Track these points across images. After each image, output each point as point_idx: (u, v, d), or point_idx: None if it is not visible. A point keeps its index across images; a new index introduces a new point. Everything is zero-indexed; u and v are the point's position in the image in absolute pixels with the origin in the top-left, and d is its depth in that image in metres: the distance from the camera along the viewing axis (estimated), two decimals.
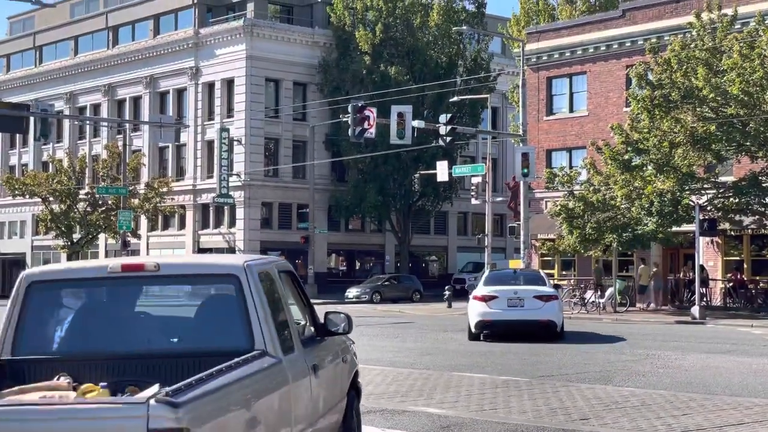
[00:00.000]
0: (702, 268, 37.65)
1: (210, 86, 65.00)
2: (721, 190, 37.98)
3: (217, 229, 63.62)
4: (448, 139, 38.44)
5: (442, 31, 62.38)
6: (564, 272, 47.14)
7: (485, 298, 25.56)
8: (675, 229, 37.86)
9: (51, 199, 62.65)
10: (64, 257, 64.66)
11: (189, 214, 65.10)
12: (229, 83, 63.93)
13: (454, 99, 56.00)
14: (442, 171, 49.49)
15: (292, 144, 64.61)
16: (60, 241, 64.65)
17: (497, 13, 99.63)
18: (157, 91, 68.33)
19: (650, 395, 14.26)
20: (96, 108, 72.76)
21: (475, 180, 53.25)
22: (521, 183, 41.38)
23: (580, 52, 47.63)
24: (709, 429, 11.50)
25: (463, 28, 54.70)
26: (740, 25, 37.91)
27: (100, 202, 62.09)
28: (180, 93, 67.05)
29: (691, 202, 36.55)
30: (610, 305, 39.51)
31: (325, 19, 65.89)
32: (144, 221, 64.69)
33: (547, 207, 44.91)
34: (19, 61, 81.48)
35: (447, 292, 47.46)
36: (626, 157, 37.34)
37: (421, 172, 58.91)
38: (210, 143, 63.99)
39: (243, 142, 62.13)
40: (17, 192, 63.81)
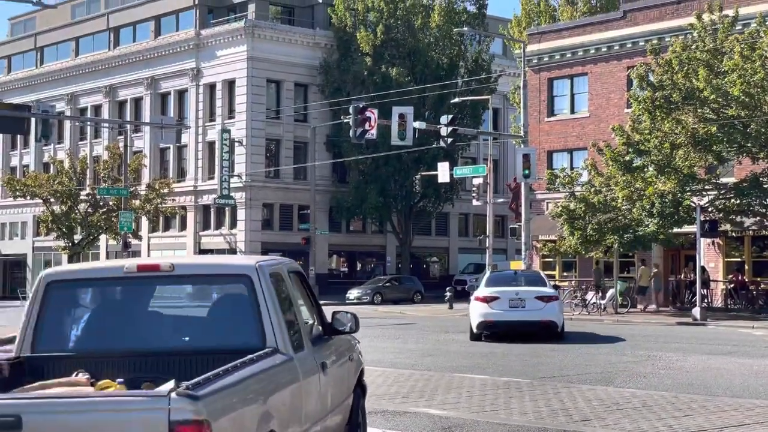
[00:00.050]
0: (703, 269, 37.66)
1: (211, 87, 65.03)
2: (722, 192, 38.04)
3: (218, 231, 63.59)
4: (449, 140, 38.55)
5: (443, 32, 62.37)
6: (565, 273, 47.19)
7: (487, 299, 25.70)
8: (676, 230, 37.88)
9: (52, 200, 62.66)
10: (65, 258, 64.65)
11: (190, 216, 65.11)
12: (230, 84, 63.95)
13: (455, 100, 55.92)
14: (443, 172, 49.48)
15: (293, 145, 64.61)
16: (61, 242, 64.67)
17: (498, 14, 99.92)
18: (158, 92, 68.35)
19: (651, 396, 14.31)
20: (97, 109, 72.78)
21: (476, 181, 53.24)
22: (522, 184, 41.41)
23: (581, 53, 47.66)
24: (710, 430, 11.57)
25: (465, 29, 54.60)
26: (741, 27, 37.92)
27: (101, 203, 62.08)
28: (181, 94, 67.09)
29: (692, 204, 36.61)
30: (611, 306, 39.58)
31: (326, 20, 65.91)
32: (145, 222, 64.63)
33: (548, 208, 44.94)
34: (20, 62, 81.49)
35: (448, 294, 47.52)
36: (627, 159, 37.38)
37: (422, 174, 58.85)
38: (211, 144, 64.02)
39: (244, 143, 62.14)
40: (18, 193, 63.93)
